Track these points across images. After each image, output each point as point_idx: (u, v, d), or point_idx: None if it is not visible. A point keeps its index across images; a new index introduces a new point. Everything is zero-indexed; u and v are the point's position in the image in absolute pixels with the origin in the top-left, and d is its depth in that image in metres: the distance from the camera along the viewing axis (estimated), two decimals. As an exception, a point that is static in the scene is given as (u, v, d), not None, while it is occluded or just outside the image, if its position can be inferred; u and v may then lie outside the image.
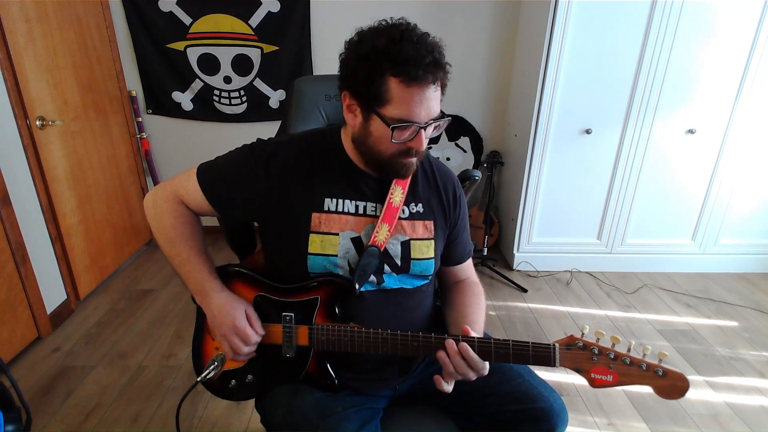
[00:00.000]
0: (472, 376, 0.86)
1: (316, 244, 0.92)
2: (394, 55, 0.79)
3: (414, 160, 0.90)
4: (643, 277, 2.80)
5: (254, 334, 0.92)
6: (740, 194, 2.68)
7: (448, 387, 0.87)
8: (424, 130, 0.84)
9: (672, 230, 2.78)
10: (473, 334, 0.87)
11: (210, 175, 0.97)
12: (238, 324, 0.91)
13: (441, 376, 0.87)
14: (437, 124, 0.87)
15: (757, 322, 2.37)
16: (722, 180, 2.64)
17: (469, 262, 1.12)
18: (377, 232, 0.93)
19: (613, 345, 0.82)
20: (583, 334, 0.84)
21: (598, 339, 0.83)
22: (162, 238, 0.98)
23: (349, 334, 0.90)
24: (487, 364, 0.87)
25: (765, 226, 2.77)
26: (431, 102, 0.83)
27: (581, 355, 0.83)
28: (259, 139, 0.99)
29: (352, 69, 0.84)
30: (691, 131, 2.52)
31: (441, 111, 0.86)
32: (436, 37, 0.84)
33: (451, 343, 0.85)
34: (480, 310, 1.01)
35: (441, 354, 0.86)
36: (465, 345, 0.85)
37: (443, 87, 0.85)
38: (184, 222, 0.98)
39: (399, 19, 0.85)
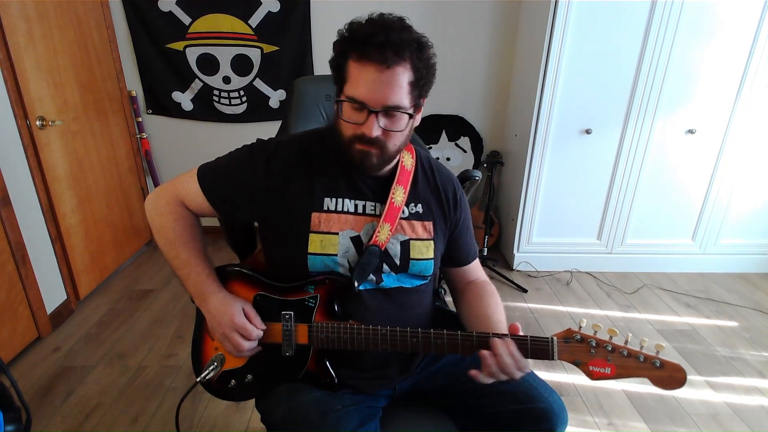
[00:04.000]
0: (518, 375, 0.85)
1: (315, 243, 0.92)
2: (352, 34, 0.82)
3: (371, 150, 0.86)
4: (643, 277, 2.80)
5: (254, 328, 0.92)
6: (740, 194, 2.68)
7: (487, 380, 0.85)
8: (376, 116, 0.83)
9: (672, 230, 2.78)
10: (521, 332, 0.86)
11: (210, 176, 0.98)
12: (237, 321, 0.91)
13: (478, 371, 0.85)
14: (397, 115, 0.84)
15: (757, 322, 2.37)
16: (722, 180, 2.64)
17: (476, 263, 1.12)
18: (379, 231, 0.93)
19: (611, 337, 0.83)
20: (580, 327, 0.84)
21: (595, 332, 0.83)
22: (162, 240, 0.98)
23: (348, 331, 0.90)
24: (530, 361, 0.86)
25: (765, 226, 2.77)
26: (384, 87, 0.81)
27: (579, 347, 0.83)
28: (258, 140, 0.99)
29: (331, 59, 0.88)
30: (691, 131, 2.52)
31: (412, 106, 0.84)
32: (407, 19, 0.84)
33: (496, 342, 0.83)
34: (500, 308, 1.00)
35: (485, 353, 0.84)
36: (510, 341, 0.83)
37: (419, 80, 0.83)
38: (184, 224, 0.98)
39: (388, 14, 0.85)
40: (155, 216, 0.99)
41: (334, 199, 0.94)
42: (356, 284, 0.92)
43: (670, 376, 0.79)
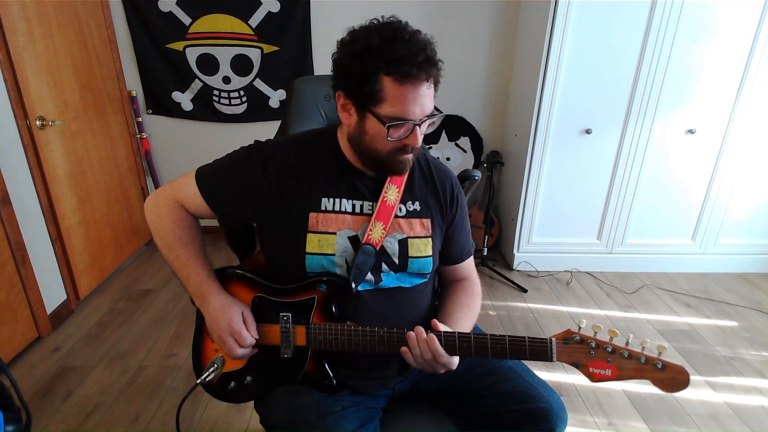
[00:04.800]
0: (440, 369, 0.88)
1: (313, 243, 0.92)
2: (386, 54, 0.79)
3: (410, 156, 0.90)
4: (643, 277, 2.80)
5: (249, 336, 0.92)
6: (740, 194, 2.68)
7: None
8: (419, 127, 0.85)
9: (672, 230, 2.78)
10: (441, 328, 0.88)
11: (208, 178, 0.98)
12: (234, 325, 0.91)
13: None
14: (432, 120, 0.87)
15: (757, 322, 2.37)
16: (722, 180, 2.64)
17: (470, 262, 1.12)
18: (371, 230, 0.93)
19: (611, 338, 0.81)
20: (580, 328, 0.83)
21: (595, 333, 0.82)
22: (161, 242, 0.98)
23: (346, 333, 0.90)
24: (455, 359, 0.88)
25: (765, 226, 2.77)
26: (425, 99, 0.83)
27: (578, 349, 0.82)
28: (256, 141, 1.00)
29: (345, 69, 0.85)
30: (691, 131, 2.52)
31: (435, 107, 0.87)
32: (427, 34, 0.85)
33: (412, 334, 0.87)
34: (468, 309, 1.02)
35: (404, 349, 0.87)
36: (432, 336, 0.86)
37: (436, 84, 0.86)
38: (183, 226, 0.98)
39: (390, 17, 0.85)
40: (154, 218, 0.99)
41: (331, 199, 0.94)
42: (353, 285, 0.92)
43: (673, 378, 0.78)
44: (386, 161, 0.90)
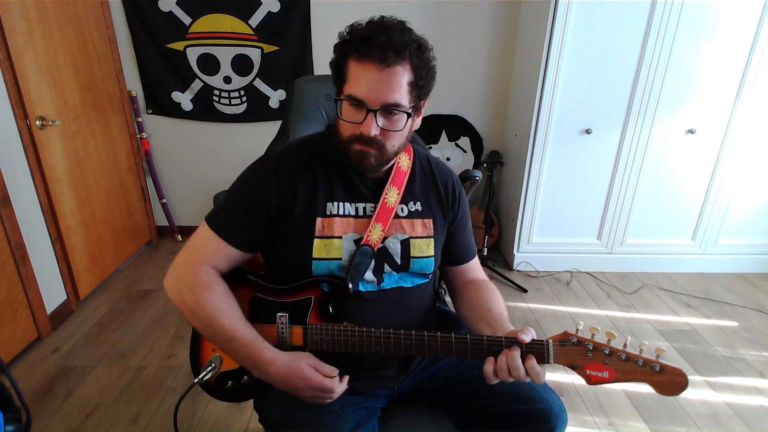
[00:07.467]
0: (527, 380, 0.82)
1: (320, 248, 0.92)
2: (353, 35, 0.83)
3: (370, 151, 0.87)
4: (643, 277, 2.79)
5: (330, 382, 0.87)
6: (740, 194, 2.68)
7: (496, 380, 0.83)
8: (374, 115, 0.83)
9: (672, 230, 2.77)
10: (526, 338, 0.82)
11: (223, 217, 0.94)
12: (312, 383, 0.86)
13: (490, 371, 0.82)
14: (394, 116, 0.84)
15: (757, 322, 2.37)
16: (722, 180, 2.63)
17: (476, 262, 1.12)
18: (370, 231, 0.93)
19: (609, 341, 0.81)
20: (577, 330, 0.82)
21: (593, 335, 0.82)
22: (197, 320, 0.90)
23: (342, 333, 0.90)
24: (544, 368, 0.82)
25: (765, 226, 2.77)
26: (383, 86, 0.81)
27: (576, 351, 0.82)
28: (260, 158, 0.98)
29: (331, 64, 0.89)
30: (691, 131, 2.52)
31: (411, 106, 0.85)
32: (407, 23, 0.85)
33: (515, 352, 0.81)
34: (501, 305, 0.99)
35: (500, 358, 0.82)
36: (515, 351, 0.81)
37: (416, 81, 0.84)
38: (219, 292, 0.90)
39: (389, 17, 0.85)
40: (187, 294, 0.90)
41: (335, 203, 0.94)
42: (350, 286, 0.92)
43: (671, 381, 0.77)
44: (345, 150, 0.89)
